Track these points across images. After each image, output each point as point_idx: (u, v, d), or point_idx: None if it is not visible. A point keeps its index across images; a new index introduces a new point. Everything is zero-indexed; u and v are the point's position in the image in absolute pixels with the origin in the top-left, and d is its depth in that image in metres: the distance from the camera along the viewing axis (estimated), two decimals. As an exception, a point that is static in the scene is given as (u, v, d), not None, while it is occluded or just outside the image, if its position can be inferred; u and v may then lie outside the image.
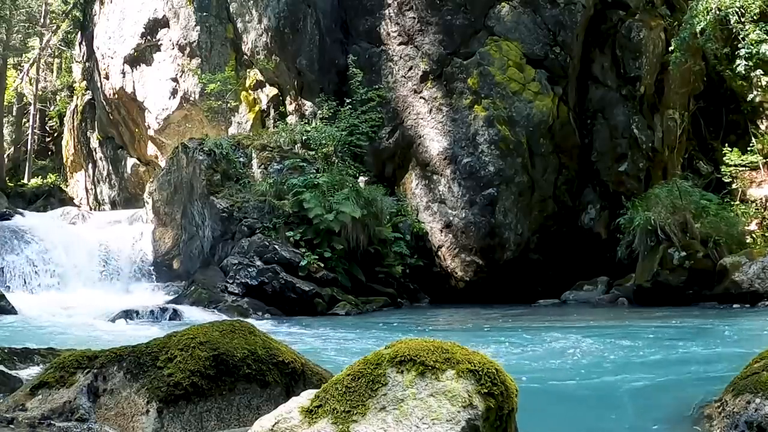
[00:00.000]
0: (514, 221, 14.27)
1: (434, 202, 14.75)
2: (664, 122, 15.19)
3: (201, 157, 14.57)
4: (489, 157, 14.25)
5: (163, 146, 19.41)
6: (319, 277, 12.71)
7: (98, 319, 10.74)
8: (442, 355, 2.62)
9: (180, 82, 18.63)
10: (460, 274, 14.49)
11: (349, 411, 2.53)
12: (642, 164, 14.82)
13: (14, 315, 11.20)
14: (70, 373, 3.25)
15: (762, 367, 3.63)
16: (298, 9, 16.48)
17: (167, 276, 14.50)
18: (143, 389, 3.11)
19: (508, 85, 14.37)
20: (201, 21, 18.06)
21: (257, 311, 11.90)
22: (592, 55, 15.26)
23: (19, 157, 28.36)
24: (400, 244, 14.11)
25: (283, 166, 14.63)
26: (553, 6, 14.68)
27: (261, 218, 13.61)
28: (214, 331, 3.34)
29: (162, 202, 15.44)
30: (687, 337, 8.20)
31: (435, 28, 15.07)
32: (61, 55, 28.84)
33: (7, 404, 3.21)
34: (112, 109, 21.10)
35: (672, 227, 12.82)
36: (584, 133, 15.07)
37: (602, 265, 14.19)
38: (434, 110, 14.86)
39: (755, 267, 11.89)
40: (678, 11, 15.83)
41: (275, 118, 16.98)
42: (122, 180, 21.82)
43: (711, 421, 3.67)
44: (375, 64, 15.70)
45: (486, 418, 2.51)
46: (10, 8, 23.98)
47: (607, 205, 14.82)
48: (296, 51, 16.50)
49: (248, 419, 3.13)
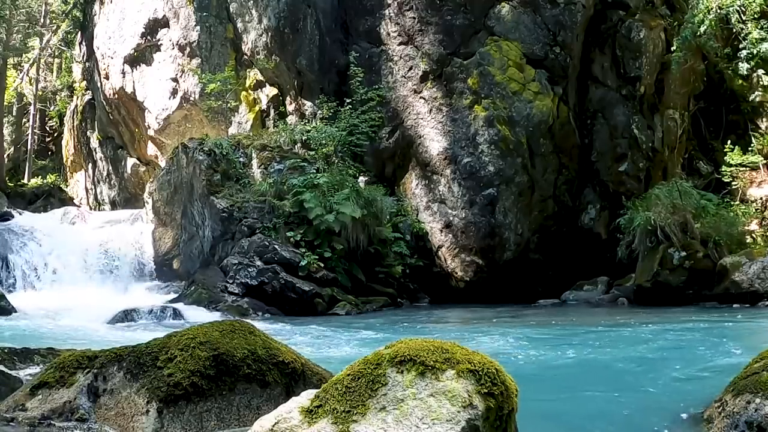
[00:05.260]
0: (514, 221, 14.27)
1: (434, 202, 14.75)
2: (664, 122, 15.19)
3: (201, 157, 14.57)
4: (489, 157, 14.24)
5: (163, 146, 19.41)
6: (319, 277, 12.71)
7: (98, 319, 10.75)
8: (442, 355, 2.62)
9: (180, 82, 18.63)
10: (460, 274, 14.49)
11: (349, 411, 2.53)
12: (642, 164, 14.82)
13: (14, 315, 11.21)
14: (70, 373, 3.25)
15: (762, 367, 3.63)
16: (298, 9, 16.48)
17: (167, 276, 14.51)
18: (143, 389, 3.11)
19: (508, 85, 14.37)
20: (201, 21, 18.06)
21: (257, 311, 11.91)
22: (592, 55, 15.26)
23: (19, 157, 28.35)
24: (400, 244, 14.11)
25: (283, 166, 14.63)
26: (553, 6, 14.68)
27: (261, 218, 13.61)
28: (214, 331, 3.34)
29: (162, 202, 15.44)
30: (687, 337, 8.20)
31: (435, 28, 15.07)
32: (61, 55, 28.82)
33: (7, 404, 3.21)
34: (112, 109, 21.10)
35: (672, 227, 12.82)
36: (584, 133, 15.07)
37: (602, 265, 14.19)
38: (434, 110, 14.86)
39: (755, 267, 11.89)
40: (678, 11, 15.83)
41: (275, 118, 16.98)
42: (122, 180, 21.82)
43: (711, 421, 3.67)
44: (375, 64, 15.70)
45: (486, 418, 2.51)
46: (10, 8, 23.97)
47: (607, 205, 14.82)
48: (296, 51, 16.50)
49: (248, 419, 3.13)
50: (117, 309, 11.12)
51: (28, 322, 10.49)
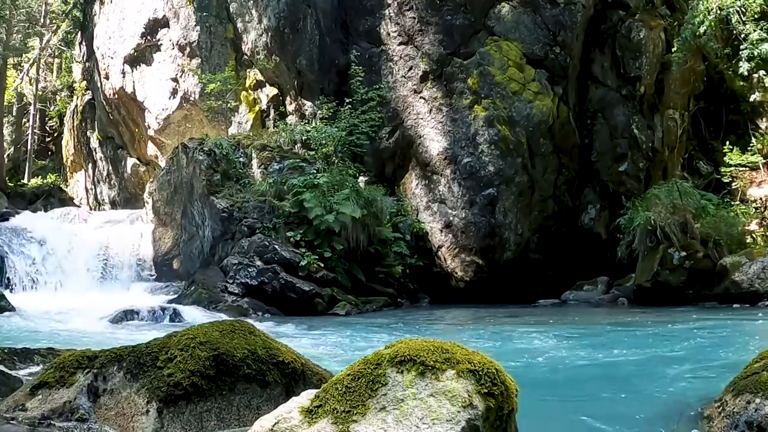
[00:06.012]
0: (514, 221, 14.27)
1: (434, 202, 14.75)
2: (664, 122, 15.19)
3: (201, 157, 14.57)
4: (489, 157, 14.25)
5: (163, 146, 19.41)
6: (319, 277, 12.71)
7: (98, 319, 10.74)
8: (442, 355, 2.62)
9: (180, 82, 18.63)
10: (460, 274, 14.49)
11: (349, 411, 2.53)
12: (642, 164, 14.82)
13: (14, 315, 11.20)
14: (70, 373, 3.25)
15: (762, 367, 3.63)
16: (298, 9, 16.49)
17: (167, 276, 14.50)
18: (143, 389, 3.11)
19: (508, 85, 14.38)
20: (201, 21, 18.06)
21: (257, 311, 11.90)
22: (592, 55, 15.26)
23: (19, 157, 28.35)
24: (400, 244, 14.11)
25: (283, 166, 14.63)
26: (553, 6, 14.68)
27: (261, 218, 13.61)
28: (214, 331, 3.34)
29: (162, 202, 15.43)
30: (687, 337, 8.20)
31: (435, 28, 15.08)
32: (61, 55, 28.82)
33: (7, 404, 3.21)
34: (112, 109, 21.10)
35: (672, 227, 12.82)
36: (584, 133, 15.07)
37: (602, 265, 14.19)
38: (434, 110, 14.86)
39: (755, 267, 11.89)
40: (678, 11, 15.83)
41: (275, 118, 16.98)
42: (122, 180, 21.82)
43: (711, 421, 3.67)
44: (375, 64, 15.70)
45: (486, 418, 2.51)
46: (10, 8, 23.97)
47: (607, 205, 14.82)
48: (296, 51, 16.50)
49: (248, 419, 3.13)
50: (117, 309, 11.11)
51: (28, 322, 10.48)
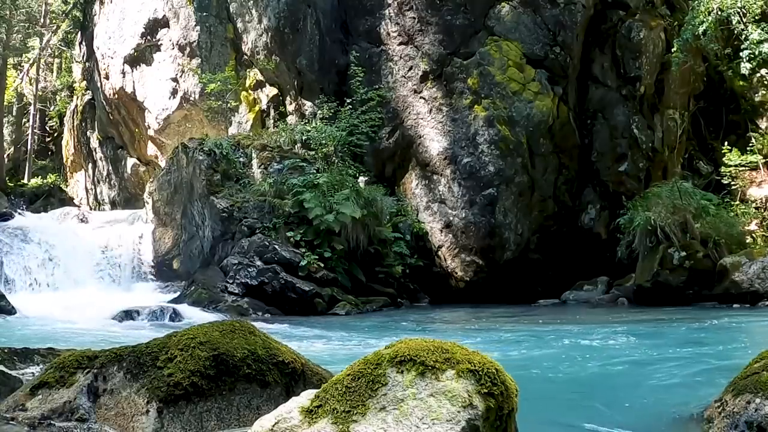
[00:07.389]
0: (514, 221, 14.27)
1: (434, 202, 14.75)
2: (664, 122, 15.19)
3: (201, 157, 14.57)
4: (489, 157, 14.25)
5: (163, 146, 19.41)
6: (319, 277, 12.71)
7: (98, 319, 10.75)
8: (442, 355, 2.61)
9: (180, 82, 18.63)
10: (460, 274, 14.49)
11: (349, 411, 2.52)
12: (642, 164, 14.82)
13: (14, 315, 11.20)
14: (70, 373, 3.25)
15: (762, 367, 3.63)
16: (298, 9, 16.48)
17: (167, 276, 14.50)
18: (143, 389, 3.11)
19: (508, 85, 14.37)
20: (201, 21, 18.06)
21: (257, 311, 11.91)
22: (592, 55, 15.26)
23: (19, 157, 28.35)
24: (400, 244, 14.11)
25: (283, 166, 14.63)
26: (553, 6, 14.68)
27: (261, 218, 13.61)
28: (214, 331, 3.34)
29: (162, 202, 15.43)
30: (687, 337, 8.20)
31: (435, 28, 15.07)
32: (61, 55, 28.84)
33: (7, 404, 3.21)
34: (112, 109, 21.11)
35: (672, 227, 12.82)
36: (584, 133, 15.06)
37: (602, 265, 14.19)
38: (434, 110, 14.86)
39: (755, 267, 11.89)
40: (678, 11, 15.83)
41: (275, 118, 16.98)
42: (122, 180, 21.82)
43: (711, 421, 3.67)
44: (375, 64, 15.70)
45: (486, 418, 2.51)
46: (10, 8, 23.97)
47: (607, 205, 14.82)
48: (296, 51, 16.50)
49: (248, 419, 3.13)
50: (117, 309, 11.12)
51: (28, 322, 10.48)
